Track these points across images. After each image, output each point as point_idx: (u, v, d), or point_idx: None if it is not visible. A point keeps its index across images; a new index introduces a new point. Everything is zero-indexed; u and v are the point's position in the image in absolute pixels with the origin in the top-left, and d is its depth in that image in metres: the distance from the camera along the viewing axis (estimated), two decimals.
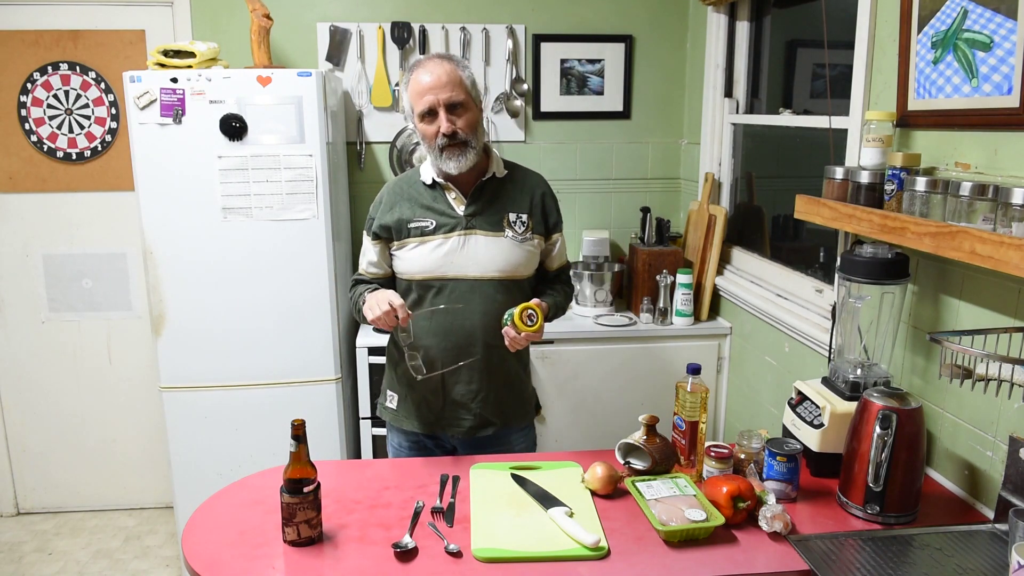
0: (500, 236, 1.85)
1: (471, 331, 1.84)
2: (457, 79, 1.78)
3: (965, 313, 1.58)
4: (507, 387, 1.93)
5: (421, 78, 1.78)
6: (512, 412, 1.96)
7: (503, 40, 3.14)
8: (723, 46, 2.95)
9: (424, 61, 1.81)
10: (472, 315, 1.84)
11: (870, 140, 1.72)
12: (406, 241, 1.86)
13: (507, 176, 1.92)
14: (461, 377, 1.87)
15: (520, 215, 1.88)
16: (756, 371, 2.65)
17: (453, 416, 1.90)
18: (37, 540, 3.18)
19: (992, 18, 1.45)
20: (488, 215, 1.86)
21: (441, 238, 1.84)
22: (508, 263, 1.85)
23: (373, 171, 3.22)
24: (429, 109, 1.77)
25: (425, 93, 1.77)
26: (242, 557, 1.39)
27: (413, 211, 1.87)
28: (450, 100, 1.76)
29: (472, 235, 1.84)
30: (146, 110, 2.47)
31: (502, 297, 1.84)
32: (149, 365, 3.23)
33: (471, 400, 1.88)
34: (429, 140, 1.80)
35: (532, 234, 1.89)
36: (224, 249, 2.58)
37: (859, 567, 1.34)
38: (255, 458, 2.65)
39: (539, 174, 2.00)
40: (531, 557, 1.37)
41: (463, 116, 1.78)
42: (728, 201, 3.01)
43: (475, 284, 1.84)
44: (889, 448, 1.46)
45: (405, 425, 1.95)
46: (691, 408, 1.65)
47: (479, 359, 1.85)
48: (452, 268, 1.83)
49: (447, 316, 1.84)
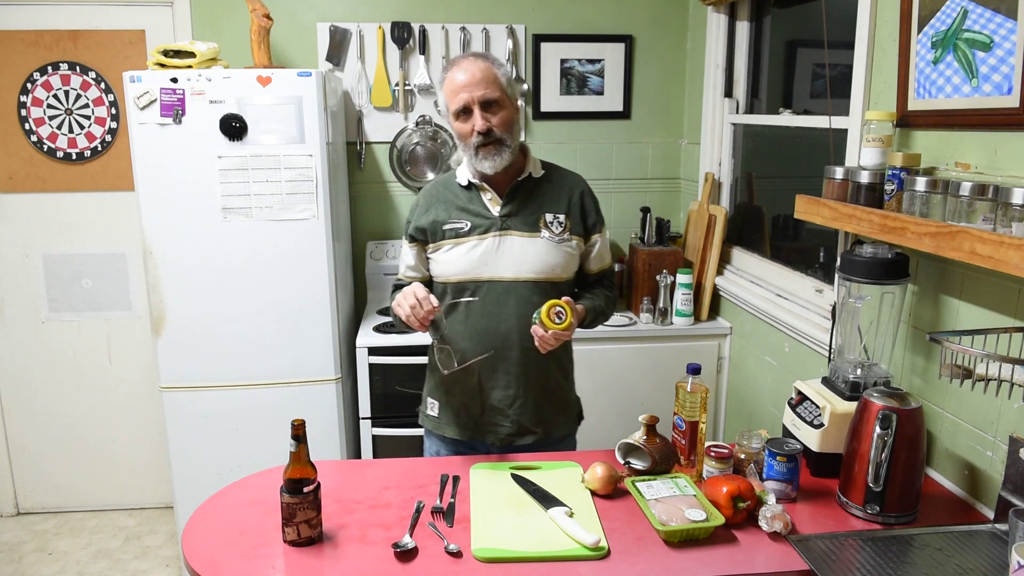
0: (536, 237, 1.81)
1: (506, 334, 1.80)
2: (492, 76, 1.76)
3: (965, 313, 1.58)
4: (546, 394, 1.88)
5: (456, 76, 1.76)
6: (553, 421, 1.90)
7: (503, 40, 3.14)
8: (723, 46, 2.95)
9: (459, 59, 1.79)
10: (508, 318, 1.80)
11: (870, 140, 1.72)
12: (441, 243, 1.84)
13: (544, 176, 1.88)
14: (498, 382, 1.83)
15: (557, 215, 1.84)
16: (756, 371, 2.65)
17: (491, 423, 1.86)
18: (37, 540, 3.18)
19: (992, 18, 1.45)
20: (524, 215, 1.82)
21: (476, 239, 1.81)
22: (545, 264, 1.81)
23: (373, 171, 3.22)
24: (464, 107, 1.75)
25: (460, 91, 1.74)
26: (242, 557, 1.39)
27: (448, 213, 1.84)
28: (484, 97, 1.74)
29: (508, 236, 1.80)
30: (146, 110, 2.47)
31: (538, 299, 1.77)
32: (149, 365, 3.23)
33: (508, 406, 1.84)
34: (464, 139, 1.78)
35: (570, 235, 1.84)
36: (224, 249, 2.58)
37: (859, 567, 1.34)
38: (255, 458, 2.65)
39: (578, 174, 1.95)
40: (531, 557, 1.37)
41: (498, 114, 1.76)
42: (728, 201, 3.01)
43: (510, 286, 1.80)
44: (889, 448, 1.46)
45: (446, 432, 1.91)
46: (691, 408, 1.65)
47: (494, 354, 1.80)
48: (487, 270, 1.80)
49: (482, 319, 1.80)
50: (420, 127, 3.17)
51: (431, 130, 3.17)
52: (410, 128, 3.17)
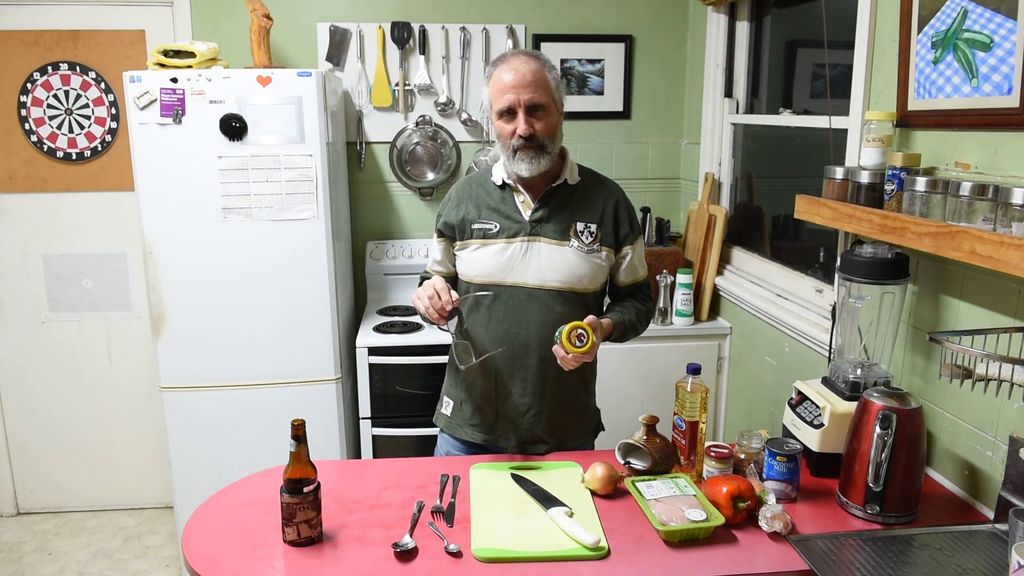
0: (565, 245, 1.77)
1: (526, 341, 1.77)
2: (542, 80, 1.71)
3: (965, 313, 1.58)
4: (563, 404, 1.84)
5: (504, 75, 1.70)
6: (568, 432, 1.87)
7: (503, 40, 3.14)
8: (723, 46, 2.95)
9: (509, 57, 1.74)
10: (529, 324, 1.76)
11: (870, 140, 1.72)
12: (468, 242, 1.81)
13: (580, 183, 1.83)
14: (515, 388, 1.81)
15: (589, 225, 1.79)
16: (756, 371, 2.65)
17: (504, 428, 1.84)
18: (37, 540, 3.18)
19: (992, 18, 1.45)
20: (555, 222, 1.78)
21: (504, 243, 1.77)
22: (570, 274, 1.77)
23: (373, 171, 3.22)
24: (509, 108, 1.70)
25: (507, 91, 1.69)
26: (242, 557, 1.39)
27: (479, 211, 1.81)
28: (531, 101, 1.69)
29: (536, 242, 1.77)
30: (146, 110, 2.47)
31: (561, 309, 1.76)
32: (149, 365, 3.23)
33: (523, 414, 1.81)
34: (504, 139, 1.74)
35: (600, 246, 1.80)
36: (224, 249, 2.58)
37: (859, 567, 1.34)
38: (255, 458, 2.65)
39: (616, 183, 1.90)
40: (531, 557, 1.37)
41: (543, 119, 1.71)
42: (728, 201, 3.01)
43: (533, 293, 1.76)
44: (889, 448, 1.46)
45: (459, 433, 1.89)
46: (691, 408, 1.65)
47: (513, 359, 1.78)
48: (511, 275, 1.77)
49: (503, 324, 1.78)
50: (420, 127, 3.17)
51: (431, 130, 3.17)
52: (410, 128, 3.17)
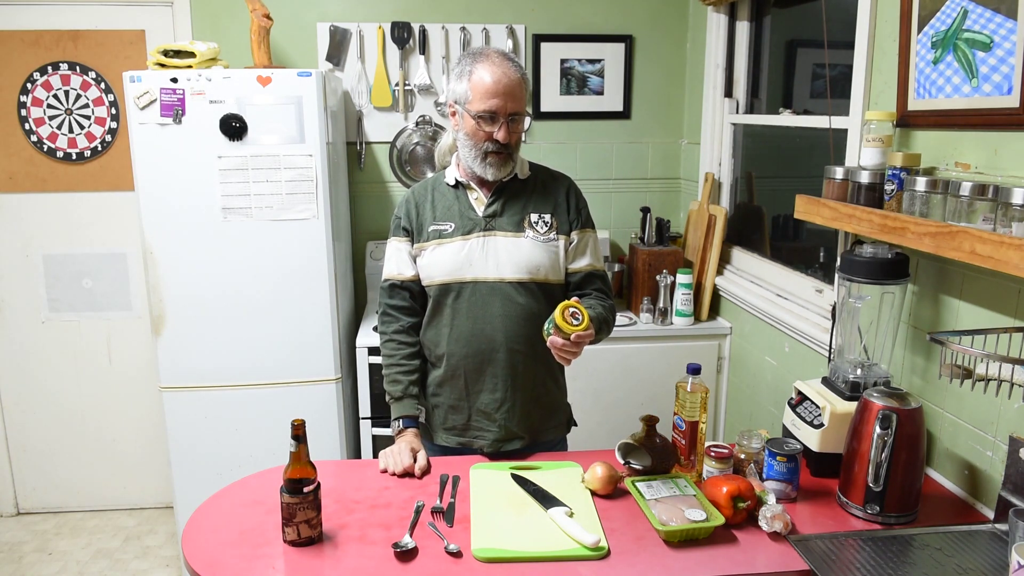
0: (521, 236, 1.79)
1: (492, 335, 1.78)
2: (523, 91, 1.74)
3: (965, 313, 1.58)
4: (534, 399, 1.85)
5: (487, 77, 1.70)
6: (540, 426, 1.88)
7: (503, 40, 3.14)
8: (723, 46, 2.95)
9: (493, 57, 1.73)
10: (493, 319, 1.78)
11: (870, 140, 1.72)
12: (425, 244, 1.82)
13: (530, 177, 1.87)
14: (485, 385, 1.82)
15: (543, 215, 1.82)
16: (756, 371, 2.65)
17: (478, 428, 1.85)
18: (37, 540, 3.18)
19: (992, 18, 1.45)
20: (509, 215, 1.81)
21: (460, 240, 1.79)
22: (529, 264, 1.79)
23: (373, 171, 3.22)
24: (492, 113, 1.71)
25: (493, 96, 1.70)
26: (242, 557, 1.39)
27: (434, 214, 1.83)
28: (516, 111, 1.72)
29: (492, 236, 1.79)
30: (146, 110, 2.47)
31: (524, 300, 1.78)
32: (149, 365, 3.23)
33: (496, 410, 1.83)
34: (477, 139, 1.74)
35: (556, 234, 1.82)
36: (224, 249, 2.58)
37: (859, 567, 1.34)
38: (255, 458, 2.65)
39: (565, 174, 1.93)
40: (531, 557, 1.37)
41: (517, 128, 1.75)
42: (728, 201, 3.01)
43: (495, 286, 1.78)
44: (889, 448, 1.46)
45: (436, 439, 1.91)
46: (691, 408, 1.65)
47: (482, 357, 1.80)
48: (471, 270, 1.78)
49: (468, 321, 1.79)
50: (420, 127, 3.17)
51: (431, 130, 3.17)
52: (410, 128, 3.17)
